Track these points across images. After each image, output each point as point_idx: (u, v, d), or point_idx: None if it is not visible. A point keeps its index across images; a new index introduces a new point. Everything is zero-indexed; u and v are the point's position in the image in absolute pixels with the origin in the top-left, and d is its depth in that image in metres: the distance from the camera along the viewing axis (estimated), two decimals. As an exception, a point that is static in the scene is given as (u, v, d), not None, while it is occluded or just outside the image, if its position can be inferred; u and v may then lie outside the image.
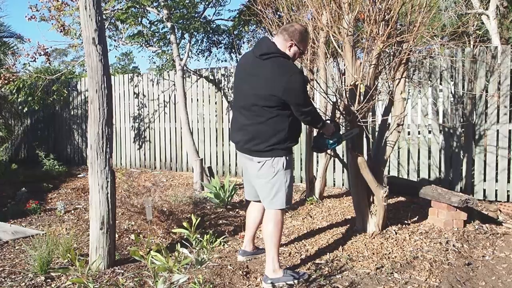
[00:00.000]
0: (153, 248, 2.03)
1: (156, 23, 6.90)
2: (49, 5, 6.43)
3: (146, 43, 6.94)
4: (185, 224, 2.19)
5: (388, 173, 5.60)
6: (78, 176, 7.61)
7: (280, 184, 2.92)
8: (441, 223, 4.04)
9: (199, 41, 7.48)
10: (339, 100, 3.87)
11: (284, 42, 2.91)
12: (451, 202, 3.96)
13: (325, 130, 3.17)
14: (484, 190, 5.23)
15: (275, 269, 2.90)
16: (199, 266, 2.15)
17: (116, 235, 3.57)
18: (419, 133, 5.64)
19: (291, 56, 2.94)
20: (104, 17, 4.52)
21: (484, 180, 5.22)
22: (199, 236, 2.20)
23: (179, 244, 2.22)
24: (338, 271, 3.11)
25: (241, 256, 3.39)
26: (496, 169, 5.18)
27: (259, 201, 3.20)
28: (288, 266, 3.18)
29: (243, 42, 7.88)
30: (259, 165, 2.92)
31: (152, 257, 1.97)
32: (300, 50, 2.96)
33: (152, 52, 7.24)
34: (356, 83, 3.53)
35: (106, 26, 6.10)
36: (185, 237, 3.01)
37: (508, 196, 5.12)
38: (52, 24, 6.56)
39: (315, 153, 5.49)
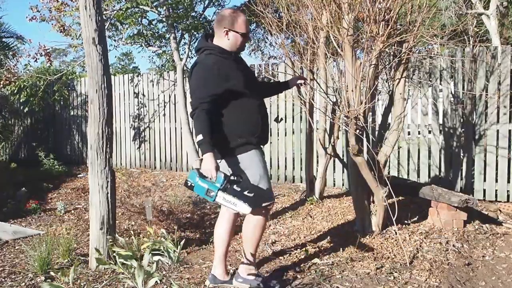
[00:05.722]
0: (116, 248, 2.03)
1: (155, 23, 6.91)
2: (50, 5, 6.45)
3: (146, 43, 6.95)
4: (150, 230, 2.20)
5: (388, 173, 5.59)
6: (78, 176, 7.61)
7: None
8: (441, 223, 4.04)
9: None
10: (339, 100, 3.87)
11: (219, 33, 2.78)
12: (451, 202, 3.95)
13: (203, 162, 2.49)
14: (484, 190, 5.23)
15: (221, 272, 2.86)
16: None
17: (116, 235, 3.57)
18: (419, 133, 5.64)
19: (233, 43, 2.76)
20: (104, 17, 4.52)
21: (484, 180, 5.22)
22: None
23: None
24: (338, 271, 3.11)
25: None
26: (496, 169, 5.18)
27: None
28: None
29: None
30: None
31: (115, 254, 1.98)
32: (239, 33, 2.74)
33: (152, 52, 7.25)
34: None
35: (106, 26, 6.10)
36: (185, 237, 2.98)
37: (508, 196, 5.12)
38: (52, 24, 6.58)
39: (315, 153, 5.48)
